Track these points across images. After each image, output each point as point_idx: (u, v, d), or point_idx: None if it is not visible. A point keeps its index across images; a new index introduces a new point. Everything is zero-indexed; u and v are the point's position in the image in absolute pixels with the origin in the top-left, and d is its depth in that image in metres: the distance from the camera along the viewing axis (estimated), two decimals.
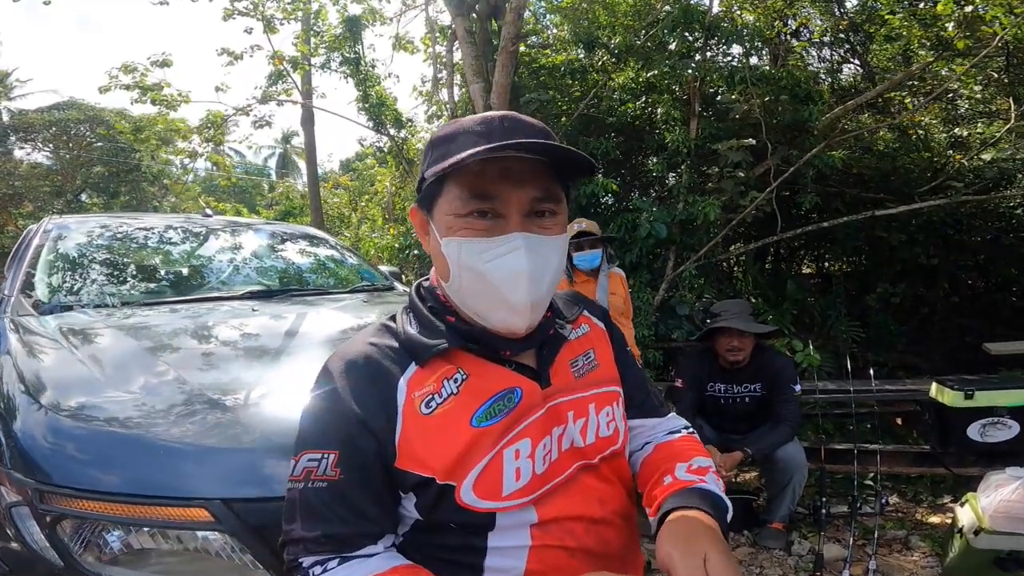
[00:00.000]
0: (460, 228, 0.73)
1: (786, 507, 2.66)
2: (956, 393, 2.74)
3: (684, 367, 2.90)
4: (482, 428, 0.74)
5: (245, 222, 3.01)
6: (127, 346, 1.55)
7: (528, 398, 0.77)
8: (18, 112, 21.32)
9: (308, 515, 0.72)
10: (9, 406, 1.25)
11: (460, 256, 0.73)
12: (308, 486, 0.72)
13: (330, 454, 0.72)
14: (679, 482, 0.82)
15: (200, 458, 1.07)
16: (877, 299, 6.06)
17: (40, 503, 1.03)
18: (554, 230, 0.76)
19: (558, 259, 0.77)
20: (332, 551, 0.72)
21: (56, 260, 2.14)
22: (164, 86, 6.90)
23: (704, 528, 0.71)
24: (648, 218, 4.56)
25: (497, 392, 0.76)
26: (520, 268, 0.71)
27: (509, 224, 0.72)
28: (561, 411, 0.80)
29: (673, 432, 0.95)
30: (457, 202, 0.73)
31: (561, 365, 0.83)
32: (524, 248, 0.71)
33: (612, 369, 0.90)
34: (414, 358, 0.77)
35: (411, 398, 0.75)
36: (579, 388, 0.83)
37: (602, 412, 0.84)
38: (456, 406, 0.75)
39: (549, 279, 0.75)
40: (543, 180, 0.74)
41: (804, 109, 4.96)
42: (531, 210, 0.74)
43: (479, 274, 0.73)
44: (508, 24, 4.96)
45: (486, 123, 0.74)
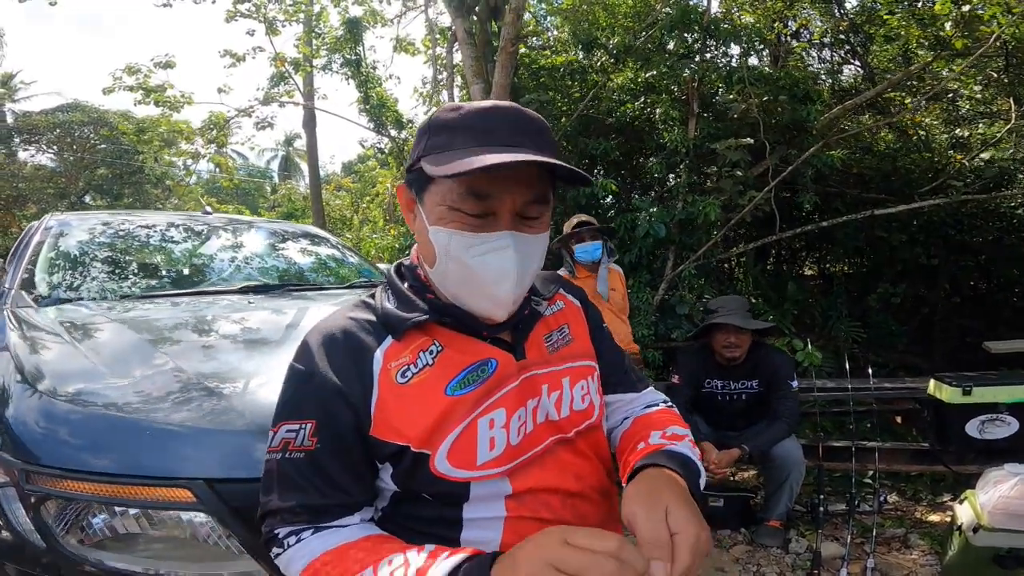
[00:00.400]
0: (452, 221, 0.74)
1: (783, 505, 2.66)
2: (954, 389, 2.73)
3: (682, 364, 2.90)
4: (456, 396, 0.75)
5: (245, 220, 3.02)
6: (125, 337, 1.56)
7: (503, 369, 0.78)
8: (22, 114, 21.42)
9: (285, 486, 0.73)
10: (3, 394, 1.25)
11: (449, 247, 0.74)
12: (286, 456, 0.74)
13: (307, 423, 0.74)
14: (650, 446, 0.82)
15: (186, 440, 1.07)
16: (878, 299, 6.06)
17: (26, 483, 1.03)
18: (539, 228, 0.78)
19: (540, 254, 0.79)
20: (307, 521, 0.73)
21: (57, 255, 2.16)
22: (167, 87, 6.94)
23: (668, 483, 0.71)
24: (647, 218, 4.57)
25: (472, 363, 0.78)
26: (508, 267, 0.73)
27: (500, 222, 0.74)
28: (535, 383, 0.81)
29: (651, 405, 0.96)
30: (452, 195, 0.73)
31: (536, 339, 0.85)
32: (513, 247, 0.73)
33: (587, 344, 0.91)
34: (390, 331, 0.78)
35: (387, 368, 0.76)
36: (553, 362, 0.84)
37: (576, 386, 0.85)
38: (431, 375, 0.76)
39: (531, 274, 0.78)
40: (537, 184, 0.75)
41: (802, 109, 4.97)
42: (522, 210, 0.75)
43: (466, 266, 0.74)
44: (508, 25, 4.98)
45: (489, 118, 0.74)
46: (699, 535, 0.63)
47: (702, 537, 0.63)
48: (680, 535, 0.62)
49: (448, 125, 0.75)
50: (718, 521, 2.82)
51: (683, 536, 0.62)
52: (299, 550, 0.72)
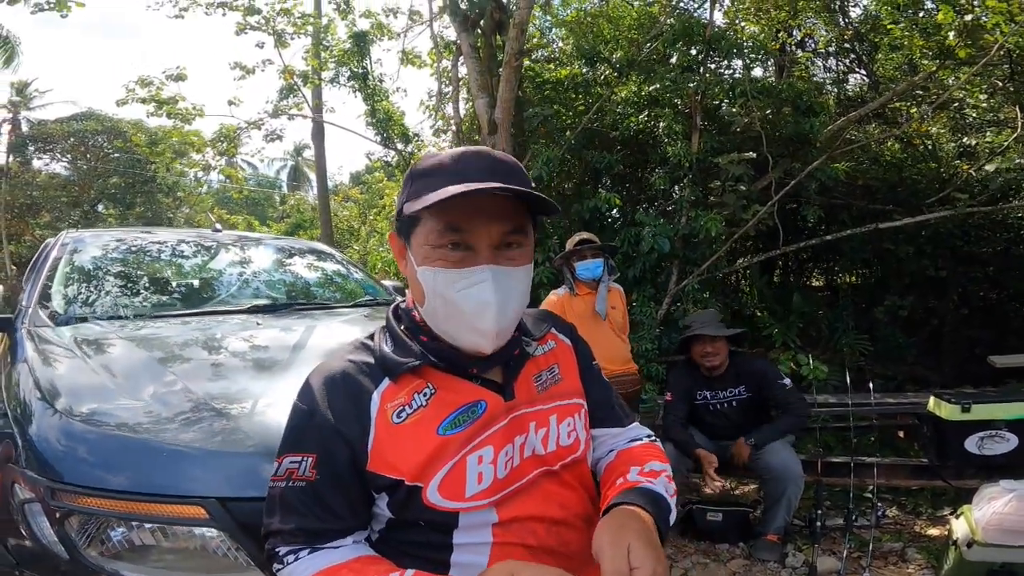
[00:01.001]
0: (435, 258, 0.80)
1: (781, 519, 2.68)
2: (953, 407, 2.75)
3: (673, 381, 3.06)
4: (448, 436, 0.81)
5: (254, 237, 3.10)
6: (137, 356, 1.62)
7: (492, 409, 0.84)
8: (37, 122, 21.72)
9: (286, 510, 0.80)
10: (26, 411, 1.32)
11: (435, 284, 0.80)
12: (289, 485, 0.80)
13: (309, 457, 0.80)
14: (627, 483, 0.87)
15: (199, 460, 1.14)
16: (885, 312, 6.03)
17: (51, 500, 1.10)
18: (520, 261, 0.83)
19: (523, 288, 0.84)
20: (304, 542, 0.80)
21: (72, 273, 2.22)
22: (179, 99, 7.04)
23: (634, 520, 0.76)
24: (651, 232, 4.61)
25: (463, 404, 0.83)
26: (487, 299, 0.79)
27: (479, 256, 0.79)
28: (523, 421, 0.87)
29: (635, 440, 1.00)
30: (433, 234, 0.80)
31: (525, 380, 0.90)
32: (491, 280, 0.79)
33: (576, 383, 0.96)
34: (387, 374, 0.84)
35: (383, 409, 0.82)
36: (541, 400, 0.90)
37: (563, 423, 0.90)
38: (425, 416, 0.82)
39: (514, 307, 0.83)
40: (512, 215, 0.81)
41: (806, 122, 4.99)
42: (501, 243, 0.81)
43: (451, 302, 0.80)
44: (512, 40, 5.05)
45: (462, 161, 0.80)
46: (655, 570, 0.69)
47: (658, 572, 0.69)
48: (639, 570, 0.68)
49: (426, 172, 0.82)
50: (716, 535, 2.85)
51: (641, 571, 0.68)
52: (296, 567, 0.79)
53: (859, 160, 6.28)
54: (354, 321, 2.16)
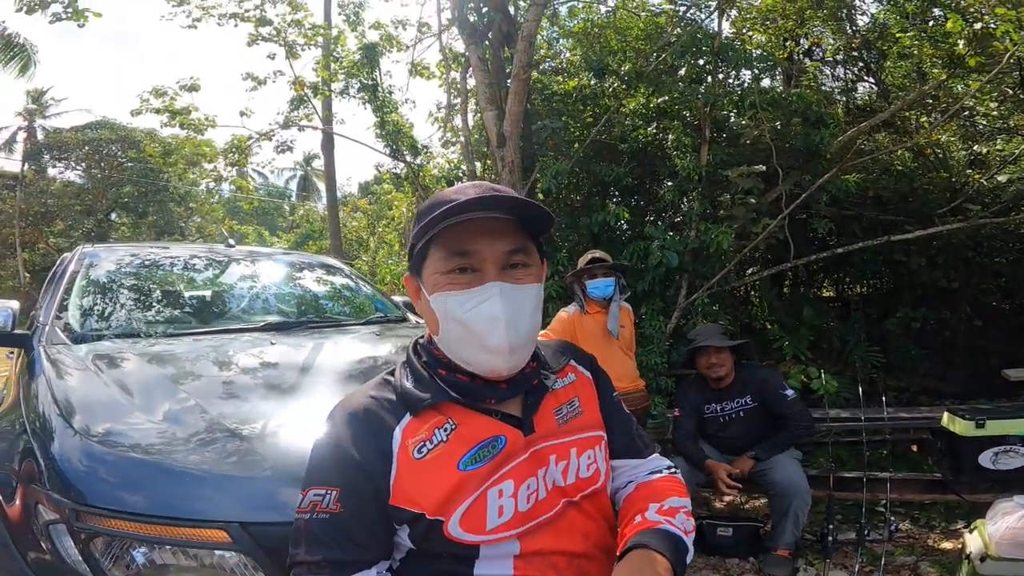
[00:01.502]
0: (445, 285, 0.83)
1: (789, 534, 2.67)
2: (967, 422, 2.73)
3: (681, 397, 3.07)
4: (468, 471, 0.83)
5: (265, 252, 3.13)
6: (153, 375, 1.64)
7: (511, 444, 0.86)
8: (53, 131, 22.01)
9: (311, 542, 0.82)
10: (46, 429, 1.34)
11: (446, 309, 0.83)
12: (313, 516, 0.82)
13: (332, 491, 0.82)
14: (646, 522, 0.88)
15: (220, 484, 1.16)
16: (897, 324, 5.98)
17: (76, 521, 1.12)
18: (528, 280, 0.85)
19: (532, 306, 0.86)
20: (329, 574, 0.81)
21: (89, 289, 2.25)
22: (192, 110, 7.13)
23: (651, 564, 0.78)
24: (660, 246, 4.60)
25: (483, 440, 0.85)
26: (496, 314, 0.81)
27: (486, 277, 0.83)
28: (544, 455, 0.88)
29: (655, 472, 1.01)
30: (440, 262, 0.84)
31: (545, 413, 0.91)
32: (499, 296, 0.82)
33: (596, 415, 0.98)
34: (408, 409, 0.86)
35: (405, 445, 0.84)
36: (562, 434, 0.91)
37: (583, 455, 0.91)
38: (445, 452, 0.84)
39: (527, 324, 0.85)
40: (514, 235, 0.85)
41: (816, 133, 4.97)
42: (506, 263, 0.84)
43: (462, 323, 0.82)
44: (520, 52, 5.08)
45: (462, 192, 0.84)
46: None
47: None
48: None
49: (429, 208, 0.85)
50: (727, 550, 2.84)
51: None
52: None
53: (869, 171, 6.25)
54: (365, 339, 2.17)
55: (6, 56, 16.62)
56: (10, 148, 22.30)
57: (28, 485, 1.25)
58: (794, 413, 2.81)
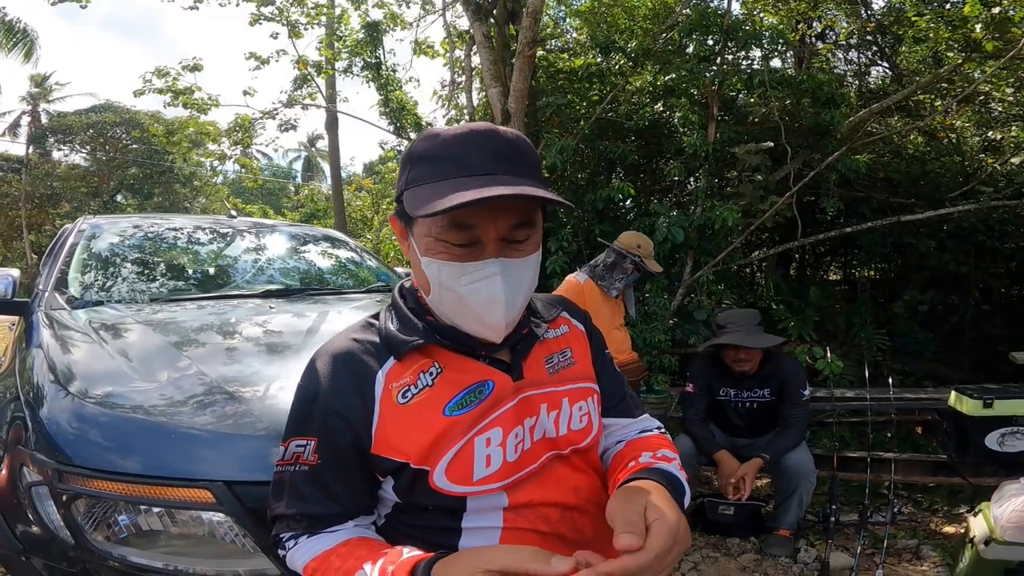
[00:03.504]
0: (439, 251, 0.76)
1: (793, 514, 2.65)
2: (975, 402, 2.69)
3: (695, 373, 2.92)
4: (454, 417, 0.79)
5: (268, 223, 3.10)
6: (152, 340, 1.62)
7: (499, 390, 0.81)
8: (57, 115, 22.05)
9: (290, 495, 0.80)
10: (38, 394, 1.32)
11: (440, 277, 0.77)
12: (295, 469, 0.80)
13: (311, 441, 0.79)
14: (639, 464, 0.85)
15: (207, 443, 1.13)
16: (904, 307, 5.93)
17: (58, 483, 1.09)
18: (528, 251, 0.79)
19: (531, 277, 0.80)
20: (306, 528, 0.80)
21: (89, 258, 2.23)
22: (195, 90, 7.10)
23: (649, 487, 0.74)
24: (665, 223, 4.55)
25: (470, 384, 0.81)
26: (497, 293, 0.75)
27: (486, 250, 0.75)
28: (533, 403, 0.84)
29: (645, 431, 0.98)
30: (436, 227, 0.75)
31: (535, 361, 0.87)
32: (500, 274, 0.75)
33: (588, 368, 0.94)
34: (392, 352, 0.82)
35: (388, 389, 0.80)
36: (552, 383, 0.87)
37: (575, 406, 0.87)
38: (430, 396, 0.80)
39: (523, 297, 0.80)
40: (520, 209, 0.76)
41: (826, 113, 4.87)
42: (509, 236, 0.76)
43: (458, 295, 0.77)
44: (525, 29, 5.00)
45: (466, 146, 0.75)
46: (678, 522, 0.67)
47: (681, 527, 0.67)
48: (658, 521, 0.66)
49: (426, 155, 0.77)
50: (727, 529, 2.82)
51: (661, 522, 0.66)
52: (294, 552, 0.79)
53: (881, 153, 6.17)
54: (366, 307, 2.15)
55: (9, 42, 16.61)
56: (15, 132, 22.35)
57: (14, 449, 1.23)
58: (799, 415, 2.70)
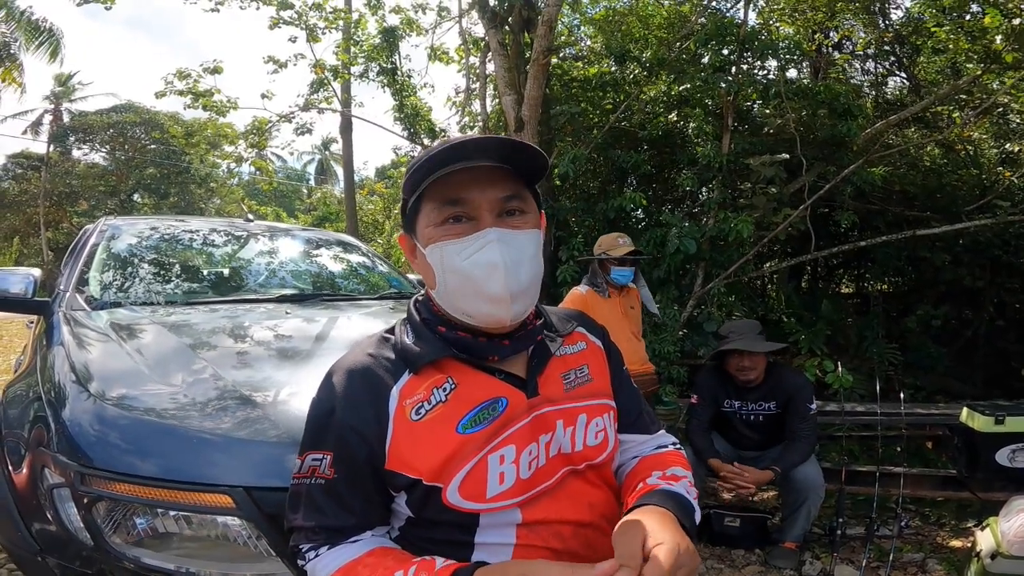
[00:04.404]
0: (440, 236, 0.80)
1: (800, 527, 2.63)
2: (987, 418, 2.69)
3: (700, 384, 2.92)
4: (467, 435, 0.80)
5: (283, 227, 3.14)
6: (170, 342, 1.64)
7: (512, 408, 0.83)
8: (79, 114, 22.41)
9: (308, 508, 0.82)
10: (60, 394, 1.34)
11: (443, 259, 0.80)
12: (312, 482, 0.82)
13: (327, 455, 0.81)
14: (648, 486, 0.86)
15: (226, 449, 1.14)
16: (917, 321, 5.87)
17: (80, 485, 1.11)
18: (525, 226, 0.82)
19: (532, 251, 0.82)
20: (325, 540, 0.82)
21: (109, 259, 2.26)
22: (214, 92, 7.21)
23: (654, 513, 0.76)
24: (677, 233, 4.54)
25: (483, 401, 0.82)
26: (495, 260, 0.78)
27: (482, 224, 0.80)
28: (549, 420, 0.85)
29: (661, 447, 0.99)
30: (433, 213, 0.81)
31: (551, 377, 0.88)
32: (497, 241, 0.78)
33: (606, 385, 0.95)
34: (408, 367, 0.84)
35: (402, 406, 0.81)
36: (569, 399, 0.88)
37: (592, 422, 0.88)
38: (444, 413, 0.81)
39: (527, 270, 0.81)
40: (508, 182, 0.81)
41: (842, 124, 4.85)
42: (502, 209, 0.81)
43: (460, 272, 0.79)
44: (540, 37, 5.04)
45: (459, 142, 0.80)
46: (678, 545, 0.68)
47: (682, 546, 0.68)
48: (662, 545, 0.67)
49: (423, 159, 0.81)
50: (733, 540, 2.81)
51: (663, 546, 0.67)
52: (317, 564, 0.81)
53: (897, 165, 6.11)
54: (379, 313, 2.17)
55: (35, 41, 16.90)
56: (36, 130, 22.75)
57: (36, 450, 1.24)
58: (806, 429, 2.67)
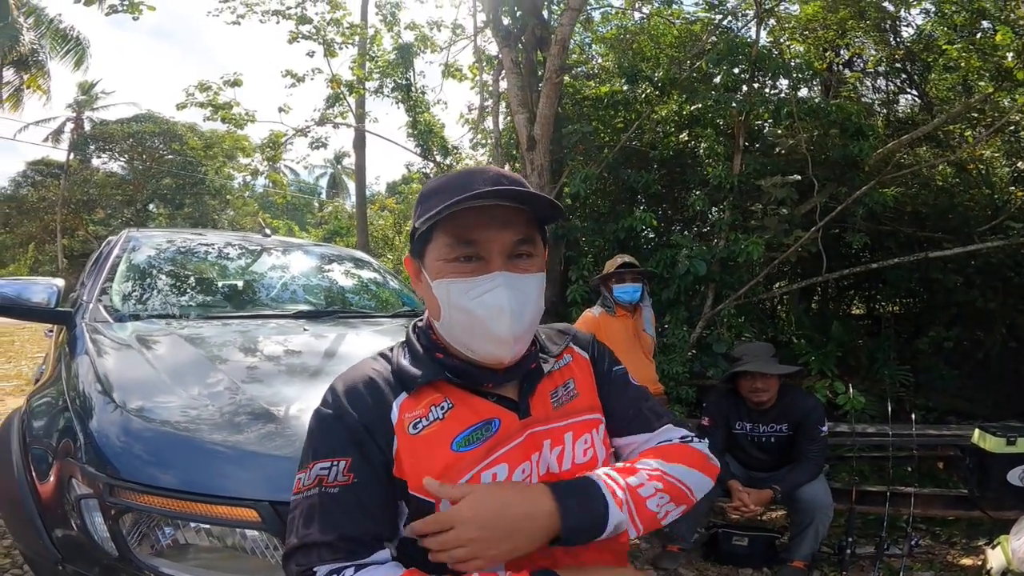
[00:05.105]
0: (449, 272, 0.82)
1: (808, 546, 2.62)
2: (998, 439, 2.70)
3: (711, 406, 2.93)
4: (461, 452, 0.81)
5: (299, 243, 3.20)
6: (191, 355, 1.67)
7: (505, 428, 0.84)
8: (99, 122, 22.77)
9: (325, 519, 0.77)
10: (86, 405, 1.37)
11: (450, 296, 0.82)
12: (323, 491, 0.78)
13: (341, 461, 0.79)
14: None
15: (252, 463, 1.17)
16: (929, 343, 5.82)
17: (109, 496, 1.14)
18: (531, 270, 0.84)
19: (536, 295, 0.84)
20: (346, 557, 0.76)
21: (132, 271, 2.30)
22: (234, 105, 7.35)
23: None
24: (687, 254, 4.54)
25: (477, 422, 0.84)
26: (502, 304, 0.80)
27: (491, 265, 0.81)
28: (538, 439, 0.86)
29: (664, 442, 0.94)
30: (445, 248, 0.82)
31: (541, 396, 0.90)
32: (505, 285, 0.80)
33: (592, 398, 0.95)
34: (404, 387, 0.85)
35: (403, 419, 0.83)
36: (556, 418, 0.89)
37: (579, 440, 0.89)
38: (439, 430, 0.82)
39: (530, 313, 0.83)
40: (520, 225, 0.82)
41: (854, 144, 4.85)
42: (512, 252, 0.82)
43: (466, 311, 0.81)
44: (553, 56, 5.11)
45: (467, 176, 0.82)
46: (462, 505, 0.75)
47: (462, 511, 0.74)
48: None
49: (433, 191, 0.83)
50: (740, 559, 2.81)
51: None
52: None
53: (908, 185, 6.09)
54: (392, 331, 2.20)
55: (62, 49, 17.22)
56: (57, 138, 23.16)
57: (63, 460, 1.27)
58: (815, 451, 2.68)
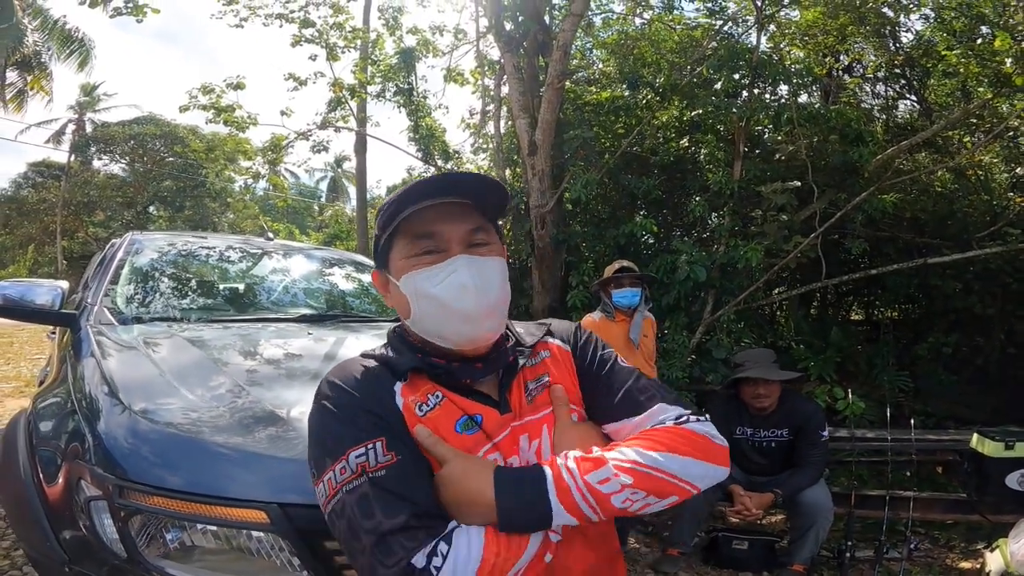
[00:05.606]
0: (412, 266, 0.87)
1: (808, 550, 2.64)
2: (997, 443, 2.70)
3: (713, 411, 2.96)
4: (463, 435, 0.85)
5: (301, 247, 3.22)
6: (197, 358, 1.68)
7: (489, 423, 0.87)
8: (101, 124, 22.78)
9: (386, 504, 0.73)
10: (94, 407, 1.38)
11: (416, 287, 0.86)
12: (370, 477, 0.75)
13: (376, 443, 0.77)
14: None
15: (260, 465, 1.17)
16: (928, 349, 5.84)
17: (119, 498, 1.14)
18: (491, 254, 0.89)
19: (499, 277, 0.89)
20: (426, 533, 0.72)
21: (138, 274, 2.31)
22: (236, 108, 7.36)
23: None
24: (687, 260, 4.56)
25: (463, 416, 0.87)
26: (464, 281, 0.84)
27: (452, 254, 0.86)
28: (517, 434, 0.88)
29: (658, 424, 0.88)
30: (406, 247, 0.88)
31: (517, 391, 0.92)
32: (466, 265, 0.85)
33: (570, 389, 0.95)
34: (395, 376, 0.88)
35: (408, 403, 0.86)
36: (531, 411, 0.90)
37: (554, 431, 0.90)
38: (441, 414, 0.86)
39: (495, 291, 0.87)
40: (474, 217, 0.89)
41: (854, 151, 4.88)
42: (470, 241, 0.88)
43: (433, 298, 0.85)
44: (555, 62, 5.13)
45: (420, 182, 0.87)
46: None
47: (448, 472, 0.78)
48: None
49: (389, 203, 0.88)
50: (740, 563, 2.82)
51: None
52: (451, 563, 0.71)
53: (907, 191, 6.12)
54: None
55: (67, 50, 17.20)
56: (59, 140, 23.17)
57: (72, 462, 1.27)
58: (816, 456, 2.72)
